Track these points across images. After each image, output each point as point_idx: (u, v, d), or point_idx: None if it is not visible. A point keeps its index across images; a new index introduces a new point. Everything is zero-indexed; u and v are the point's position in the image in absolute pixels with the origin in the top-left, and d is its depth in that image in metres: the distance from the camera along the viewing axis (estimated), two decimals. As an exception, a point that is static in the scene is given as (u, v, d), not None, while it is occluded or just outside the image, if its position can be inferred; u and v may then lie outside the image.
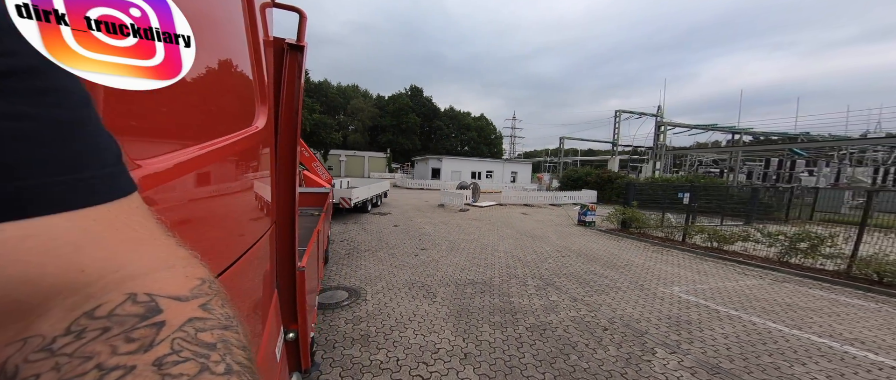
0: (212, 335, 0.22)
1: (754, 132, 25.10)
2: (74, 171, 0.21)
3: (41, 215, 0.20)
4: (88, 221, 0.22)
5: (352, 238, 7.74)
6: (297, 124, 1.32)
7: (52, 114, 0.21)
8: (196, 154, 0.55)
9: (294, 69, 1.30)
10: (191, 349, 0.21)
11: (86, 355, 0.18)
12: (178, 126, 0.54)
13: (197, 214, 0.57)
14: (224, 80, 0.70)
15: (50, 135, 0.20)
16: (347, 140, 48.97)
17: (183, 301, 0.23)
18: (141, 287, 0.23)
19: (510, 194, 17.25)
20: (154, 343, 0.20)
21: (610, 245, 8.07)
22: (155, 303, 0.22)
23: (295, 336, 1.57)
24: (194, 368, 0.20)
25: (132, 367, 0.18)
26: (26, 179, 0.19)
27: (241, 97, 0.83)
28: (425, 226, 9.73)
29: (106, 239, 0.22)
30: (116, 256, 0.23)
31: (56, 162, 0.20)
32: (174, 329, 0.21)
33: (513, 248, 7.33)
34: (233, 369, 0.21)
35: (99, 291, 0.21)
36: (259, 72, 0.93)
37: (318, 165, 8.02)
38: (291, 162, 1.35)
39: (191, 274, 0.26)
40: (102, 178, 0.23)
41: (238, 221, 0.79)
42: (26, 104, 0.19)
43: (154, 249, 0.25)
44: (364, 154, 41.19)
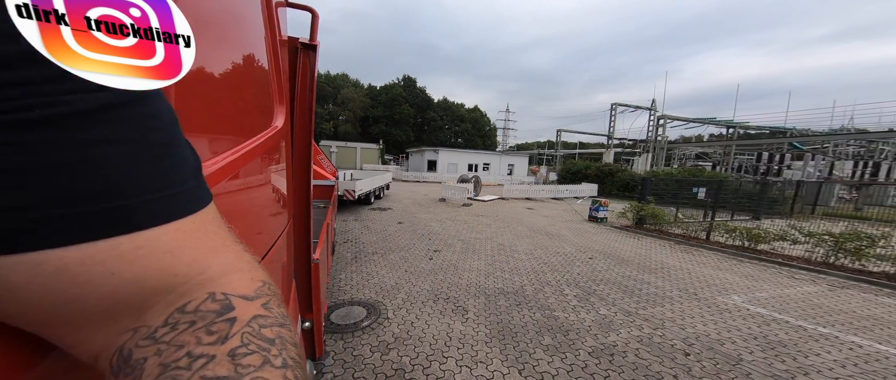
0: (271, 332, 0.25)
1: (750, 126, 25.33)
2: (167, 187, 0.24)
3: (144, 229, 0.23)
4: (180, 231, 0.25)
5: (356, 238, 7.03)
6: (311, 122, 1.34)
7: (151, 137, 0.24)
8: (234, 157, 0.56)
9: (307, 68, 1.31)
10: (256, 343, 0.23)
11: (179, 343, 0.22)
12: (215, 128, 0.54)
13: (234, 215, 0.56)
14: (250, 81, 0.72)
15: (149, 156, 0.23)
16: (338, 131, 47.29)
17: (249, 300, 0.26)
18: (218, 287, 0.26)
19: (512, 188, 16.76)
20: (228, 336, 0.23)
21: (632, 244, 7.65)
22: (229, 301, 0.25)
23: (310, 325, 1.63)
24: (259, 360, 0.22)
25: (213, 356, 0.21)
26: (132, 197, 0.22)
27: (264, 97, 0.85)
28: (431, 223, 9.10)
29: (192, 247, 0.26)
30: (200, 261, 0.26)
31: (153, 180, 0.23)
32: (243, 325, 0.24)
33: (532, 248, 6.79)
34: (288, 363, 0.24)
35: (188, 290, 0.25)
36: (277, 71, 0.94)
37: (323, 157, 8.19)
38: (306, 158, 1.37)
39: (255, 277, 0.29)
40: (187, 192, 0.26)
41: (265, 218, 0.80)
42: (131, 130, 0.22)
43: (227, 255, 0.28)
44: (356, 145, 39.77)
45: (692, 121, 24.80)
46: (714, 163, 26.05)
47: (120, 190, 0.21)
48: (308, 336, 1.68)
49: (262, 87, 0.82)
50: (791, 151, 21.61)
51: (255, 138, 0.71)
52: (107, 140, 0.21)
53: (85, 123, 0.20)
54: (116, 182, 0.21)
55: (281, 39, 1.02)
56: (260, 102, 0.81)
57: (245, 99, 0.69)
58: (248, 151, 0.63)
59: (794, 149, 20.89)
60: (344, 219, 9.19)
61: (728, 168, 23.08)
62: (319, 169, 7.76)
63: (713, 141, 26.49)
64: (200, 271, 0.26)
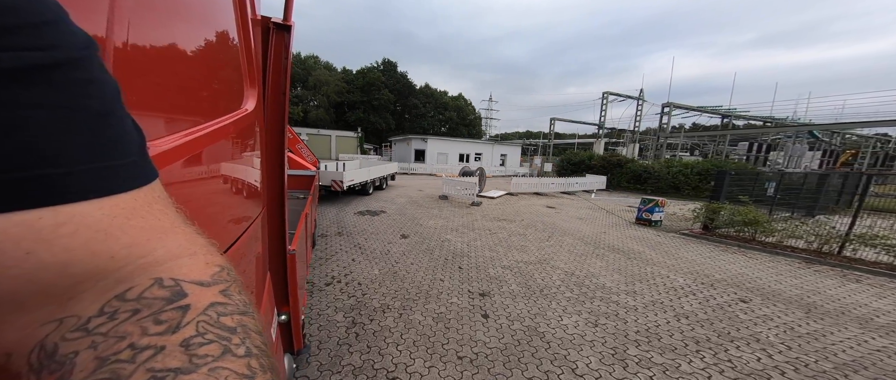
0: (232, 320, 0.23)
1: (750, 117, 24.97)
2: (103, 159, 0.22)
3: (72, 202, 0.20)
4: (116, 208, 0.22)
5: (347, 270, 4.44)
6: (285, 106, 1.28)
7: (88, 104, 0.21)
8: (187, 138, 0.51)
9: (281, 49, 1.26)
10: (214, 332, 0.21)
11: (119, 334, 0.19)
12: (170, 108, 0.50)
13: (188, 199, 0.53)
14: (213, 60, 0.67)
15: (84, 124, 0.21)
16: (309, 116, 42.59)
17: (205, 286, 0.24)
18: (167, 272, 0.23)
19: (520, 182, 14.60)
20: (181, 325, 0.21)
21: (752, 266, 5.62)
22: (180, 287, 0.23)
23: (287, 318, 1.58)
24: (218, 349, 0.20)
25: (162, 347, 0.19)
26: (60, 166, 0.20)
27: (231, 78, 0.79)
28: (446, 235, 6.66)
29: (132, 226, 0.23)
30: (143, 243, 0.23)
31: (87, 151, 0.21)
32: (199, 313, 0.22)
33: (621, 280, 4.58)
34: (252, 352, 0.22)
35: (127, 275, 0.22)
36: (247, 52, 0.89)
37: (303, 146, 7.48)
38: (280, 145, 1.31)
39: (211, 261, 0.27)
40: (128, 166, 0.24)
41: (231, 205, 0.77)
42: (66, 95, 0.20)
43: (177, 237, 0.26)
44: (331, 133, 35.74)
45: (694, 109, 23.92)
46: (704, 153, 25.59)
47: (42, 157, 0.19)
48: (285, 330, 1.61)
49: (229, 66, 0.77)
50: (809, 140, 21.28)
51: (220, 120, 0.66)
52: (31, 103, 0.18)
53: (10, 83, 0.18)
54: (39, 149, 0.18)
55: (253, 18, 0.95)
56: (227, 81, 0.76)
57: (208, 77, 0.64)
58: (210, 132, 0.59)
59: (812, 138, 20.53)
60: (323, 233, 6.48)
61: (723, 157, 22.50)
62: (299, 158, 7.24)
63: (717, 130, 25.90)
64: (142, 255, 0.23)
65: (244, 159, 0.86)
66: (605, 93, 30.34)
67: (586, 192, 16.57)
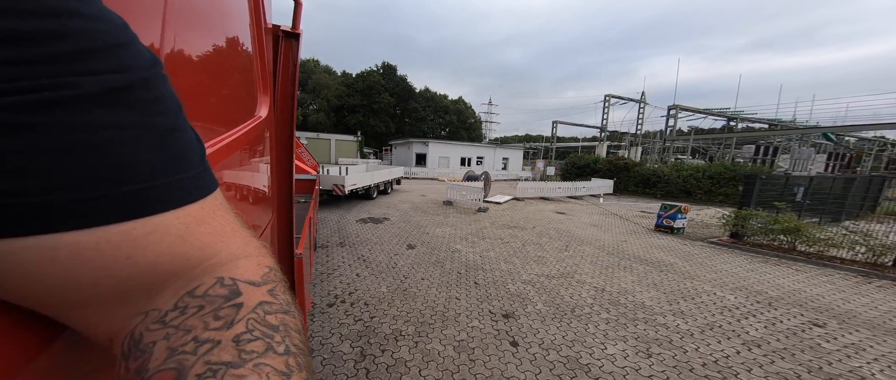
0: (276, 318, 0.25)
1: (757, 119, 24.74)
2: (175, 173, 0.24)
3: (156, 214, 0.22)
4: (190, 216, 0.25)
5: (351, 288, 3.96)
6: (293, 112, 1.30)
7: (158, 121, 0.23)
8: (219, 146, 0.53)
9: (289, 57, 1.28)
10: (260, 329, 0.23)
11: (187, 328, 0.21)
12: (200, 117, 0.51)
13: None
14: (233, 70, 0.69)
15: (158, 141, 0.23)
16: (308, 120, 42.18)
17: (256, 286, 0.26)
18: (227, 272, 0.25)
19: (526, 187, 14.18)
20: (234, 321, 0.23)
21: (805, 281, 5.13)
22: (237, 286, 0.25)
23: None
24: (262, 346, 0.22)
25: (218, 341, 0.21)
26: (143, 181, 0.21)
27: (248, 86, 0.81)
28: (456, 245, 6.20)
29: (202, 232, 0.25)
30: (210, 246, 0.26)
31: (162, 165, 0.23)
32: (249, 310, 0.24)
33: (658, 297, 4.11)
34: (291, 350, 0.23)
35: (198, 274, 0.25)
36: (261, 60, 0.91)
37: (304, 151, 7.67)
38: (289, 150, 1.32)
39: (262, 262, 0.29)
40: (195, 177, 0.25)
41: (247, 211, 0.78)
42: (140, 114, 0.22)
43: (236, 240, 0.28)
44: (330, 137, 35.38)
45: (702, 112, 23.66)
46: (711, 156, 25.27)
47: (131, 174, 0.21)
48: None
49: (246, 75, 0.79)
50: (816, 142, 21.00)
51: (240, 128, 0.68)
52: (114, 124, 0.20)
53: (92, 105, 0.19)
54: (127, 166, 0.20)
55: (266, 27, 0.98)
56: (244, 90, 0.78)
57: (230, 87, 0.66)
58: (233, 140, 0.61)
59: (826, 140, 20.25)
60: (324, 242, 6.00)
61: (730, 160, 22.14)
62: (300, 163, 7.33)
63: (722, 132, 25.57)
64: (210, 256, 0.25)
65: (258, 165, 0.86)
66: (607, 96, 30.09)
67: (593, 196, 16.15)
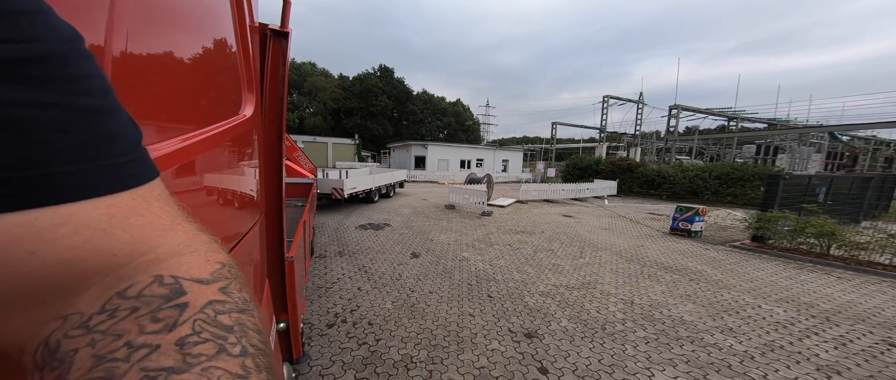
0: (229, 318, 0.23)
1: (758, 119, 24.67)
2: (97, 158, 0.21)
3: (68, 202, 0.20)
4: (115, 207, 0.22)
5: (353, 304, 3.55)
6: (282, 113, 1.29)
7: (78, 101, 0.21)
8: (185, 143, 0.52)
9: (278, 56, 1.26)
10: (210, 331, 0.21)
11: (117, 332, 0.19)
12: (167, 113, 0.50)
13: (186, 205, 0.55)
14: (212, 66, 0.67)
15: (74, 122, 0.20)
16: (305, 124, 41.67)
17: (204, 284, 0.24)
18: (167, 270, 0.23)
19: (529, 189, 13.83)
20: (177, 324, 0.21)
21: (854, 291, 4.73)
22: (179, 285, 0.23)
23: (285, 326, 1.56)
24: (213, 348, 0.20)
25: (157, 346, 0.19)
26: (52, 166, 0.19)
27: (229, 84, 0.79)
28: (462, 251, 5.82)
29: (133, 224, 0.23)
30: (144, 241, 0.23)
31: (80, 149, 0.20)
32: (196, 311, 0.22)
33: (705, 316, 3.73)
34: (248, 351, 0.22)
35: (130, 272, 0.22)
36: (246, 59, 0.89)
37: (301, 154, 7.53)
38: (277, 152, 1.31)
39: (212, 258, 0.26)
40: (124, 164, 0.23)
41: (227, 212, 0.76)
42: (53, 92, 0.19)
43: (178, 234, 0.26)
44: (327, 140, 34.88)
45: (703, 112, 23.52)
46: (711, 156, 25.12)
47: (36, 157, 0.18)
48: (284, 338, 1.59)
49: (227, 72, 0.76)
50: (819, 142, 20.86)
51: (218, 124, 0.66)
52: (16, 101, 0.17)
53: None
54: (33, 149, 0.18)
55: (251, 25, 0.96)
56: (224, 87, 0.75)
57: (206, 82, 0.64)
58: (208, 137, 0.59)
59: (834, 139, 20.13)
60: (322, 251, 5.59)
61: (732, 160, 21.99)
62: (296, 166, 7.20)
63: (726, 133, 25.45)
64: (144, 252, 0.23)
65: (242, 165, 0.84)
66: (605, 96, 29.94)
67: (597, 198, 15.83)
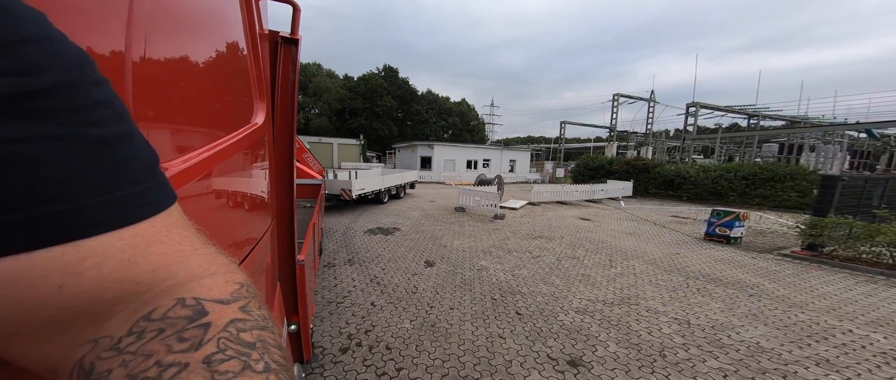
0: (251, 335, 0.23)
1: (784, 116, 23.84)
2: (112, 190, 0.21)
3: (89, 237, 0.20)
4: (136, 238, 0.23)
5: (368, 322, 3.11)
6: (293, 118, 1.29)
7: (86, 132, 0.20)
8: (205, 155, 0.53)
9: (288, 63, 1.27)
10: (234, 348, 0.22)
11: (147, 353, 0.20)
12: (187, 124, 0.51)
13: (205, 214, 0.55)
14: (226, 75, 0.68)
15: (85, 155, 0.20)
16: (310, 124, 41.58)
17: (225, 304, 0.25)
18: (189, 292, 0.24)
19: (541, 190, 13.32)
20: (203, 342, 0.21)
21: None
22: (201, 306, 0.23)
23: (297, 328, 1.58)
24: (238, 365, 0.21)
25: (186, 364, 0.20)
26: (69, 202, 0.19)
27: (242, 93, 0.81)
28: (479, 259, 5.38)
29: (154, 253, 0.23)
30: (166, 267, 0.24)
31: (94, 183, 0.20)
32: (219, 330, 0.22)
33: (786, 342, 3.23)
34: (271, 367, 0.22)
35: (153, 298, 0.23)
36: (257, 66, 0.90)
37: (310, 156, 7.69)
38: (289, 156, 1.32)
39: (231, 279, 0.27)
40: (140, 194, 0.23)
41: (243, 219, 0.77)
42: (61, 124, 0.19)
43: (198, 258, 0.26)
44: (332, 141, 34.68)
45: (723, 109, 22.78)
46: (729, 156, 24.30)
47: (53, 195, 0.18)
48: (295, 339, 1.61)
49: (240, 81, 0.78)
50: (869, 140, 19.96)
51: (233, 134, 0.67)
52: (23, 137, 0.17)
53: (5, 114, 0.17)
54: (48, 185, 0.18)
55: (261, 33, 0.97)
56: (238, 96, 0.77)
57: (221, 93, 0.65)
58: (224, 147, 0.60)
59: (871, 137, 19.28)
60: (329, 258, 5.18)
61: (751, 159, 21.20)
62: (305, 167, 7.42)
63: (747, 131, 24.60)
64: (165, 278, 0.24)
65: (255, 171, 0.85)
66: (616, 95, 29.26)
67: (612, 199, 15.25)
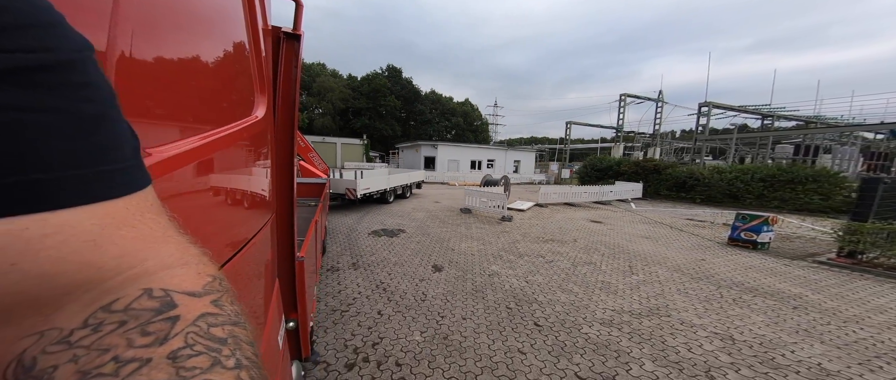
0: (223, 331, 0.22)
1: (800, 117, 23.17)
2: (94, 164, 0.21)
3: (60, 208, 0.19)
4: (107, 217, 0.21)
5: (375, 334, 2.82)
6: (294, 114, 1.30)
7: (80, 108, 0.20)
8: (200, 143, 0.52)
9: (291, 58, 1.28)
10: (203, 343, 0.21)
11: (103, 347, 0.18)
12: (181, 114, 0.51)
13: (200, 203, 0.55)
14: (225, 69, 0.68)
15: (76, 128, 0.20)
16: (314, 124, 41.48)
17: (196, 297, 0.23)
18: (157, 283, 0.23)
19: (549, 192, 12.97)
20: (169, 337, 0.20)
21: None
22: (170, 298, 0.22)
23: (295, 325, 1.58)
24: (207, 361, 0.20)
25: (148, 359, 0.18)
26: (49, 171, 0.18)
27: (242, 86, 0.81)
28: (489, 263, 5.07)
29: (123, 236, 0.22)
30: (133, 253, 0.23)
31: (78, 155, 0.20)
32: (188, 324, 0.21)
33: (854, 365, 2.88)
34: (242, 363, 0.21)
35: (116, 286, 0.21)
36: (258, 61, 0.90)
37: (315, 155, 7.60)
38: (289, 152, 1.33)
39: (203, 271, 0.26)
40: (120, 171, 0.23)
41: (240, 211, 0.77)
42: (57, 98, 0.19)
43: (169, 247, 0.25)
44: (336, 141, 34.48)
45: (737, 109, 22.17)
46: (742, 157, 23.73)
47: (33, 162, 0.18)
48: (293, 336, 1.59)
49: (240, 74, 0.78)
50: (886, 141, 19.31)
51: (231, 125, 0.67)
52: (23, 106, 0.17)
53: (16, 84, 0.17)
54: (30, 154, 0.18)
55: (264, 28, 0.97)
56: (238, 89, 0.77)
57: (220, 85, 0.65)
58: (221, 137, 0.60)
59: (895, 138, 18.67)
60: (334, 262, 4.90)
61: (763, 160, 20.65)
62: (309, 166, 7.31)
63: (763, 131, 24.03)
64: (132, 265, 0.22)
65: (254, 165, 0.85)
66: (622, 95, 28.74)
67: (621, 201, 14.85)
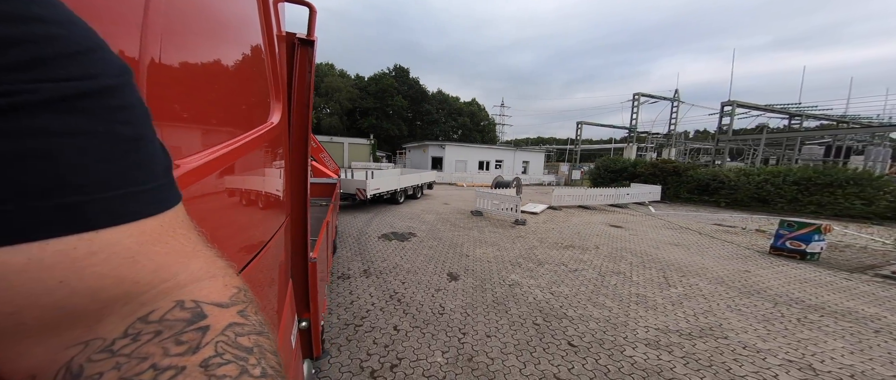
0: (249, 340, 0.24)
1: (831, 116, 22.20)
2: (131, 184, 0.22)
3: (100, 228, 0.20)
4: (144, 234, 0.23)
5: (393, 354, 2.45)
6: (308, 119, 1.31)
7: (118, 131, 0.21)
8: (222, 152, 0.54)
9: (304, 64, 1.29)
10: (232, 352, 0.22)
11: (142, 355, 0.20)
12: (206, 120, 0.52)
13: (221, 211, 0.56)
14: (244, 76, 0.69)
15: (115, 150, 0.21)
16: (321, 124, 41.56)
17: (224, 308, 0.25)
18: (188, 295, 0.24)
19: (562, 194, 12.50)
20: (200, 346, 0.21)
21: None
22: (200, 309, 0.23)
23: (307, 325, 1.60)
24: (235, 370, 0.21)
25: (183, 367, 0.19)
26: (90, 193, 0.19)
27: (259, 93, 0.82)
28: (508, 272, 4.70)
29: (158, 252, 0.23)
30: (167, 268, 0.24)
31: (117, 176, 0.21)
32: (217, 333, 0.22)
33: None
34: (267, 372, 0.22)
35: (151, 299, 0.22)
36: (273, 67, 0.91)
37: (326, 155, 7.74)
38: (303, 156, 1.34)
39: (229, 283, 0.27)
40: (154, 190, 0.24)
41: (258, 216, 0.78)
42: (96, 123, 0.20)
43: (199, 260, 0.26)
44: (343, 140, 34.44)
45: (762, 109, 21.27)
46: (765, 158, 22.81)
47: (76, 185, 0.19)
48: (306, 336, 1.62)
49: (257, 81, 0.79)
50: None
51: (250, 133, 0.69)
52: (70, 132, 0.19)
53: (45, 111, 0.18)
54: (74, 176, 0.19)
55: (279, 35, 0.98)
56: (255, 96, 0.78)
57: (239, 93, 0.66)
58: (241, 145, 0.62)
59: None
60: (345, 272, 4.58)
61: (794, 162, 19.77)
62: (321, 167, 7.45)
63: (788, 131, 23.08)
64: (166, 279, 0.23)
65: (270, 170, 0.86)
66: (636, 94, 27.98)
67: (639, 204, 14.28)
